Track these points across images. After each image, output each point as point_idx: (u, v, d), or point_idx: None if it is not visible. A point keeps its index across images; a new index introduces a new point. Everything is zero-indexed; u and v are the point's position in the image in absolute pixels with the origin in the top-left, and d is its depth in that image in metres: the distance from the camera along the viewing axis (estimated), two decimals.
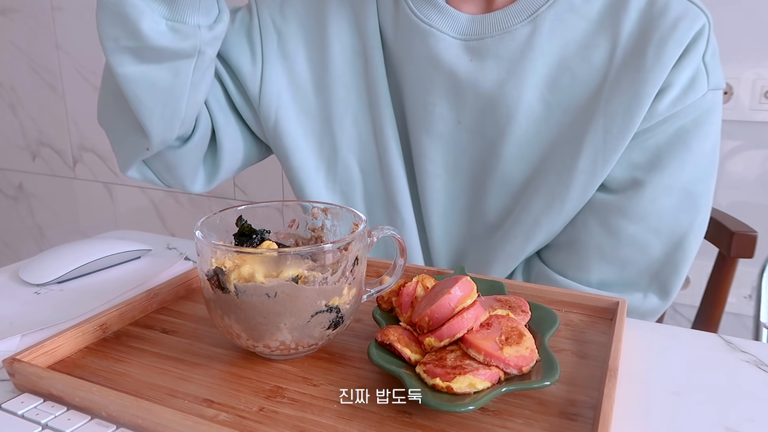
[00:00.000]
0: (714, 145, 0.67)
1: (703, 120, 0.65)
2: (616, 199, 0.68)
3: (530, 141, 0.69)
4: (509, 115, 0.68)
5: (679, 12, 0.63)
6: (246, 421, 0.42)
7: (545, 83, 0.67)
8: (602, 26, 0.66)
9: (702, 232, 0.69)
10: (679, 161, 0.65)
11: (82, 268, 0.69)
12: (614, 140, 0.65)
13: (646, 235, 0.67)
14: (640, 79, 0.63)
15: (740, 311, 1.27)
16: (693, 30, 0.63)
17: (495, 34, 0.68)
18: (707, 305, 0.89)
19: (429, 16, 0.71)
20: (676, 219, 0.67)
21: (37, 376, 0.45)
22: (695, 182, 0.66)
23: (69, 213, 2.06)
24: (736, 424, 0.44)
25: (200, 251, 0.48)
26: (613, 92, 0.65)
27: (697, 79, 0.64)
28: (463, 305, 0.46)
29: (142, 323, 0.56)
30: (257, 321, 0.46)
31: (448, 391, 0.41)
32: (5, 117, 2.06)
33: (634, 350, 0.53)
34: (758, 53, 1.15)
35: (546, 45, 0.67)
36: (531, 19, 0.67)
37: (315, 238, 0.57)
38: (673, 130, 0.65)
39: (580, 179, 0.67)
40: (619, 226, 0.68)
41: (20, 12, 1.90)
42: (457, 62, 0.70)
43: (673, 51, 0.62)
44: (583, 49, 0.66)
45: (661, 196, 0.66)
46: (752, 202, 1.22)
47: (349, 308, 0.49)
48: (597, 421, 0.40)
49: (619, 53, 0.65)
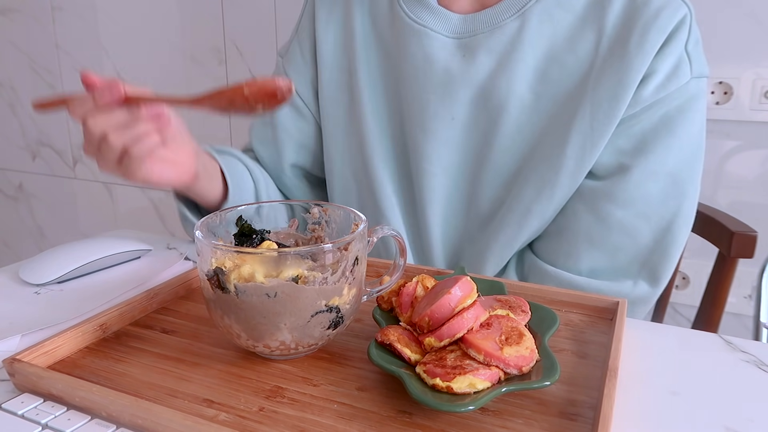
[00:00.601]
0: (699, 131, 0.69)
1: (687, 107, 0.67)
2: (604, 185, 0.69)
3: (522, 130, 0.71)
4: (501, 106, 0.71)
5: (661, 2, 0.66)
6: (246, 421, 0.42)
7: (534, 75, 0.70)
8: (587, 19, 0.69)
9: (690, 219, 0.71)
10: (665, 147, 0.67)
11: (82, 268, 0.69)
12: (601, 126, 0.67)
13: (634, 221, 0.69)
14: (625, 67, 0.66)
15: (740, 311, 1.27)
16: (675, 18, 0.66)
17: (486, 30, 0.72)
18: (707, 305, 0.89)
19: (422, 17, 0.75)
20: (664, 204, 0.68)
21: (37, 376, 0.45)
22: (681, 168, 0.68)
23: (69, 213, 2.06)
24: (736, 424, 0.44)
25: (200, 251, 0.48)
26: (599, 80, 0.67)
27: (680, 67, 0.66)
28: (463, 305, 0.46)
29: (142, 323, 0.56)
30: (257, 321, 0.46)
31: (448, 391, 0.42)
32: (5, 117, 2.06)
33: (634, 350, 0.53)
34: (758, 53, 1.15)
35: (534, 38, 0.70)
36: (519, 14, 0.71)
37: (315, 238, 0.57)
38: (657, 116, 0.67)
39: (569, 165, 0.69)
40: (607, 211, 0.69)
41: (20, 12, 1.90)
42: (451, 59, 0.73)
43: (656, 38, 0.65)
44: (570, 41, 0.69)
45: (647, 180, 0.68)
46: (752, 202, 1.22)
47: (349, 308, 0.49)
48: (597, 421, 0.40)
49: (604, 43, 0.68)
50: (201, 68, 1.65)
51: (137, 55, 1.74)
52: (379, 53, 0.78)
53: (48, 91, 1.93)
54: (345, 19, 0.80)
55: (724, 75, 1.17)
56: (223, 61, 1.62)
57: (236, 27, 1.59)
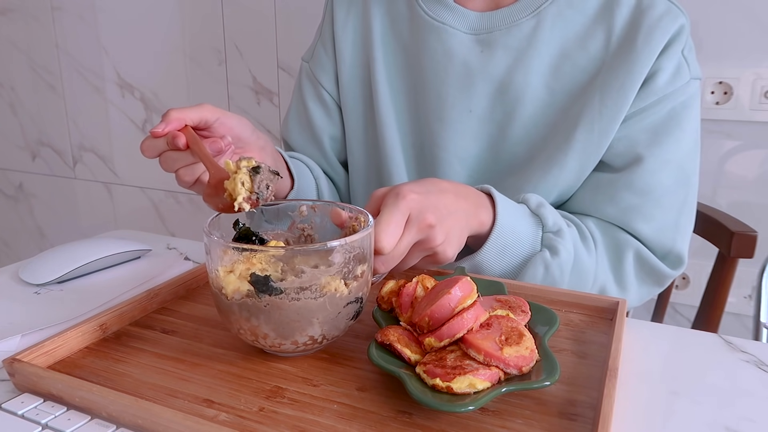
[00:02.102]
0: (696, 128, 0.75)
1: (689, 104, 0.73)
2: (622, 176, 0.73)
3: (536, 123, 0.76)
4: (517, 99, 0.75)
5: (663, 9, 0.72)
6: (246, 421, 0.42)
7: (549, 70, 0.75)
8: (598, 20, 0.75)
9: (693, 211, 0.76)
10: (675, 138, 0.73)
11: (82, 268, 0.69)
12: (609, 112, 0.72)
13: (651, 209, 0.72)
14: (632, 60, 0.71)
15: (740, 311, 1.27)
16: (676, 24, 0.72)
17: (503, 27, 0.77)
18: (707, 305, 0.89)
19: (441, 15, 0.80)
20: (674, 192, 0.73)
21: (37, 376, 0.45)
22: (687, 159, 0.74)
23: (69, 213, 2.06)
24: (736, 424, 0.44)
25: (209, 249, 0.48)
26: (609, 73, 0.73)
27: (681, 67, 0.73)
28: (463, 305, 0.46)
29: (142, 323, 0.56)
30: (291, 318, 0.46)
31: (448, 391, 0.42)
32: (5, 117, 2.06)
33: (634, 350, 0.53)
34: (758, 53, 1.15)
35: (549, 36, 0.75)
36: (535, 13, 0.76)
37: (304, 236, 0.57)
38: (666, 111, 0.73)
39: (576, 147, 0.73)
40: (628, 202, 0.73)
41: (20, 12, 1.90)
42: (469, 54, 0.78)
43: (660, 38, 0.71)
44: (582, 39, 0.75)
45: (661, 169, 0.72)
46: (752, 202, 1.21)
47: (366, 296, 0.51)
48: (597, 421, 0.40)
49: (613, 42, 0.73)
50: (201, 68, 1.65)
51: (137, 55, 1.74)
52: (397, 49, 0.82)
53: (48, 91, 1.93)
54: (363, 18, 0.85)
55: (724, 75, 1.17)
56: (223, 61, 1.62)
57: (236, 27, 1.59)
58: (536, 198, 0.69)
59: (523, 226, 0.66)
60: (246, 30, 1.58)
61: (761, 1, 1.12)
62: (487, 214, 0.63)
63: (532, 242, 0.66)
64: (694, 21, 0.73)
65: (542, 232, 0.67)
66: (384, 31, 0.83)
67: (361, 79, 0.85)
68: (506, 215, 0.64)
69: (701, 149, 0.76)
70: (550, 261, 0.65)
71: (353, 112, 0.86)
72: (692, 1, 0.69)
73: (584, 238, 0.71)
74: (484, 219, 0.63)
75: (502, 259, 0.65)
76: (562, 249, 0.66)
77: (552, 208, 0.69)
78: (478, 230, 0.63)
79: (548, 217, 0.67)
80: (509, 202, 0.66)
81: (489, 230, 0.63)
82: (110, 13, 1.74)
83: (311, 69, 0.89)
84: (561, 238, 0.66)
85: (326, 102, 0.88)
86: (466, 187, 0.64)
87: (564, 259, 0.66)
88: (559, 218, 0.68)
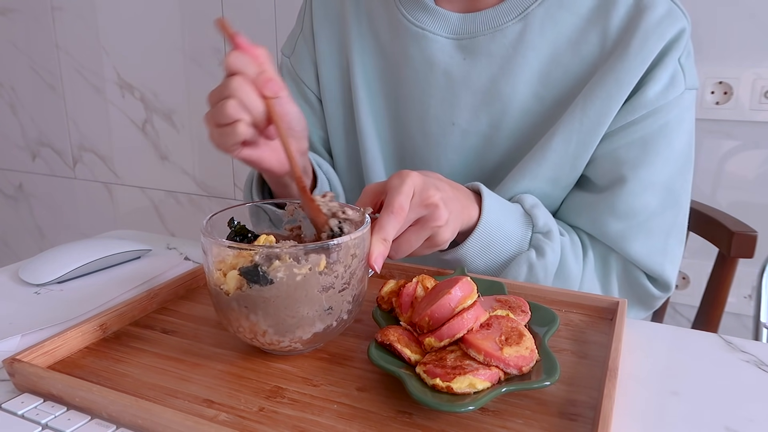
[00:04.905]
0: (689, 142, 0.70)
1: (682, 117, 0.68)
2: (604, 198, 0.69)
3: (523, 132, 0.71)
4: (504, 110, 0.71)
5: (663, 10, 0.66)
6: (246, 421, 0.42)
7: (538, 78, 0.70)
8: (592, 21, 0.68)
9: (684, 230, 0.72)
10: (664, 158, 0.68)
11: (82, 268, 0.69)
12: (590, 123, 0.67)
13: (637, 234, 0.69)
14: (624, 67, 0.66)
15: (740, 311, 1.27)
16: (675, 28, 0.66)
17: (487, 32, 0.71)
18: (707, 305, 0.89)
19: (420, 19, 0.73)
20: (661, 215, 0.69)
21: (37, 376, 0.45)
22: (676, 178, 0.69)
23: (69, 213, 2.06)
24: (736, 424, 0.44)
25: (205, 249, 0.48)
26: (598, 80, 0.67)
27: (676, 77, 0.67)
28: (463, 306, 0.46)
29: (142, 323, 0.56)
30: (287, 314, 0.46)
31: (448, 391, 0.42)
32: (5, 117, 2.06)
33: (634, 350, 0.53)
34: (758, 53, 1.15)
35: (537, 41, 0.69)
36: (522, 16, 0.69)
37: (294, 236, 0.57)
38: (656, 126, 0.67)
39: (551, 158, 0.69)
40: (611, 227, 0.69)
41: (20, 12, 1.90)
42: (451, 61, 0.72)
43: (655, 44, 0.65)
44: (574, 43, 0.69)
45: (645, 191, 0.68)
46: (752, 202, 1.21)
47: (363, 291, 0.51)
48: (597, 421, 0.40)
49: (608, 45, 0.68)
50: (201, 68, 1.65)
51: (137, 55, 1.74)
52: (376, 54, 0.78)
53: (48, 92, 1.93)
54: (340, 16, 0.79)
55: (724, 75, 1.17)
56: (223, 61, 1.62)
57: (236, 27, 1.58)
58: (532, 198, 0.68)
59: (512, 225, 0.65)
60: (246, 30, 1.57)
61: (761, 2, 1.12)
62: (475, 209, 0.63)
63: (519, 241, 0.66)
64: (694, 21, 0.70)
65: (532, 233, 0.66)
66: (361, 33, 0.78)
67: (340, 83, 0.80)
68: (493, 212, 0.64)
69: (700, 150, 0.75)
70: (535, 261, 0.65)
71: (333, 117, 0.81)
72: (692, 1, 0.68)
73: (574, 244, 0.69)
74: (472, 213, 0.63)
75: (486, 254, 0.65)
76: (549, 251, 0.65)
77: (546, 211, 0.68)
78: (467, 224, 0.62)
79: (540, 217, 0.66)
80: (498, 200, 0.65)
81: (475, 225, 0.63)
82: (110, 13, 1.74)
83: (292, 65, 0.84)
84: (550, 240, 0.65)
85: (311, 101, 0.83)
86: (458, 184, 0.64)
87: (550, 260, 0.65)
88: (552, 220, 0.67)
